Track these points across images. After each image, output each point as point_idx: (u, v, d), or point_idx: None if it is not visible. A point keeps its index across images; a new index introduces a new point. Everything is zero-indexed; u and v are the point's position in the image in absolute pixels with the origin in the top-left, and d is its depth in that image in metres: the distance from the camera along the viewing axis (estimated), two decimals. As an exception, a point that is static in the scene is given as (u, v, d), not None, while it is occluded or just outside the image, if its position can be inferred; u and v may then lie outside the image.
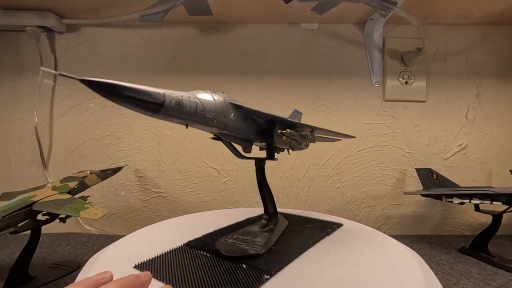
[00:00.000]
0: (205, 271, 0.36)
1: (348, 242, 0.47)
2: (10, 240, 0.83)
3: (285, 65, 0.94)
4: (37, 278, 0.59)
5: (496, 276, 0.64)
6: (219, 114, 0.33)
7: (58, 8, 0.84)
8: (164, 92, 0.27)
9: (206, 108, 0.31)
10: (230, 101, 0.35)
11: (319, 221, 0.59)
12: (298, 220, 0.60)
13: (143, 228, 0.55)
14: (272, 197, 0.51)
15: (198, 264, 0.38)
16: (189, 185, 0.94)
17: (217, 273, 0.35)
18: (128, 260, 0.40)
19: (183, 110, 0.28)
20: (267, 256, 0.39)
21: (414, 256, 0.42)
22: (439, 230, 0.94)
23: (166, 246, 0.45)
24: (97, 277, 0.26)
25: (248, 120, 0.41)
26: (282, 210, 0.66)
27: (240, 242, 0.43)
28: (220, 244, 0.42)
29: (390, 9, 0.74)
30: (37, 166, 0.92)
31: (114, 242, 0.47)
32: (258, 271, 0.35)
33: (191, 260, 0.39)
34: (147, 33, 0.93)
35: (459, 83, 0.94)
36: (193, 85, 0.93)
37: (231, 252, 0.39)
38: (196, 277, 0.34)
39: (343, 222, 0.59)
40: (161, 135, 0.93)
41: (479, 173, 0.94)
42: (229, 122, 0.35)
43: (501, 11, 0.85)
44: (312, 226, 0.55)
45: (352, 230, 0.54)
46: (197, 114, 0.30)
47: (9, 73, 0.92)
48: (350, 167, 0.94)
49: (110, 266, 0.39)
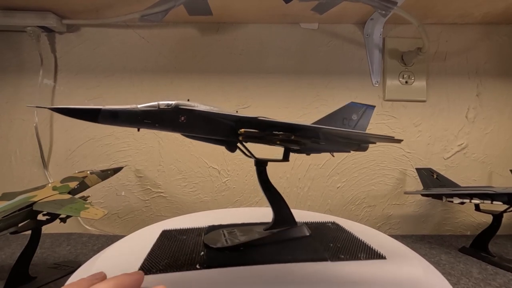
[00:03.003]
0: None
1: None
2: (10, 240, 0.83)
3: (285, 65, 0.94)
4: (38, 278, 0.59)
5: (497, 276, 0.64)
6: (159, 119, 0.38)
7: (58, 8, 0.84)
8: (101, 106, 0.37)
9: (147, 115, 0.38)
10: (180, 107, 0.39)
11: (355, 244, 0.47)
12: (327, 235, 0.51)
13: (143, 228, 0.55)
14: (278, 199, 0.49)
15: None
16: (189, 185, 0.94)
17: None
18: (128, 260, 0.40)
19: (118, 119, 0.37)
20: (233, 253, 0.43)
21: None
22: (439, 230, 0.94)
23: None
24: (90, 278, 0.26)
25: (212, 122, 0.42)
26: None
27: (230, 236, 0.47)
28: (212, 234, 0.49)
29: (390, 9, 0.74)
30: (37, 166, 0.92)
31: (115, 242, 0.47)
32: (203, 259, 0.42)
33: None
34: (147, 33, 0.93)
35: (459, 83, 0.93)
36: (193, 85, 0.93)
37: (209, 241, 0.46)
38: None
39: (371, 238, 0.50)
40: (161, 135, 0.93)
41: (480, 173, 0.94)
42: (180, 124, 0.40)
43: (501, 11, 0.85)
44: (333, 246, 0.46)
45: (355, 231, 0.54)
46: (136, 121, 0.38)
47: (9, 73, 0.92)
48: (350, 167, 0.94)
49: (110, 266, 0.39)
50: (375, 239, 0.49)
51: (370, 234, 0.53)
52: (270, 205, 0.48)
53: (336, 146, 0.48)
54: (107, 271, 0.28)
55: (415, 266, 0.39)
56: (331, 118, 0.52)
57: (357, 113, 0.52)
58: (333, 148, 0.50)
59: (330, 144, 0.48)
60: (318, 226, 0.56)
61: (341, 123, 0.52)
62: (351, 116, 0.52)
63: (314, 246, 0.46)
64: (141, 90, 0.93)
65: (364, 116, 0.53)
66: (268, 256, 0.42)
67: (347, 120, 0.52)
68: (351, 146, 0.49)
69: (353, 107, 0.53)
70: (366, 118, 0.53)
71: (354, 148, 0.49)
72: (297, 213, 0.50)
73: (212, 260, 0.41)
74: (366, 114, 0.53)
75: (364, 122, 0.53)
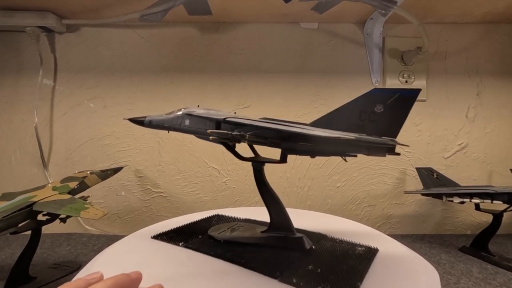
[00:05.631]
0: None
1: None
2: (10, 240, 0.83)
3: (285, 65, 0.94)
4: (38, 278, 0.59)
5: (497, 275, 0.64)
6: (173, 123, 0.46)
7: (58, 8, 0.84)
8: (146, 116, 0.48)
9: (165, 121, 0.47)
10: (186, 112, 0.46)
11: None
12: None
13: (143, 228, 0.55)
14: (273, 202, 0.45)
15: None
16: (189, 185, 0.94)
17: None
18: (128, 261, 0.40)
19: (152, 124, 0.47)
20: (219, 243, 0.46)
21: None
22: (439, 229, 0.94)
23: (166, 246, 0.45)
24: (87, 278, 0.26)
25: (205, 123, 0.45)
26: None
27: (231, 230, 0.50)
28: (221, 225, 0.53)
29: (390, 8, 0.74)
30: (37, 166, 0.92)
31: (115, 242, 0.47)
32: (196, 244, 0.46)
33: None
34: (147, 33, 0.93)
35: (459, 82, 0.93)
36: (192, 84, 0.93)
37: (212, 229, 0.50)
38: None
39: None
40: (161, 135, 0.93)
41: (480, 172, 0.94)
42: (185, 127, 0.46)
43: (501, 10, 0.85)
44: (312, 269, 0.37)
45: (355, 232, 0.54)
46: (161, 126, 0.47)
47: (9, 73, 0.92)
48: (350, 167, 0.94)
49: (110, 266, 0.39)
50: (375, 239, 0.49)
51: (370, 234, 0.53)
52: (266, 208, 0.46)
53: (336, 148, 0.41)
54: (107, 271, 0.28)
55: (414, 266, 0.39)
56: (341, 113, 0.40)
57: (384, 102, 0.36)
58: (333, 151, 0.42)
59: (327, 147, 0.41)
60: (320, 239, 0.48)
61: (357, 119, 0.38)
62: (374, 108, 0.37)
63: (288, 260, 0.39)
64: (141, 90, 0.93)
65: (397, 106, 0.36)
66: (247, 258, 0.40)
67: (367, 113, 0.38)
68: (359, 149, 0.38)
69: (377, 95, 0.38)
70: (402, 110, 0.36)
71: (363, 152, 0.39)
72: (297, 213, 0.49)
73: (200, 245, 0.44)
74: (401, 104, 0.36)
75: (397, 116, 0.36)
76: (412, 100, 0.36)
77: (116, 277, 0.26)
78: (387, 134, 0.36)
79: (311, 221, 0.57)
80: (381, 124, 0.37)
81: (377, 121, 0.38)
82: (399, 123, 0.37)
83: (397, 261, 0.40)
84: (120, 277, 0.27)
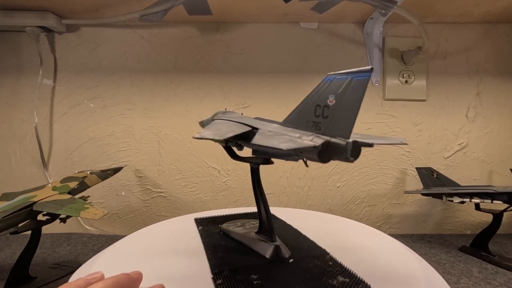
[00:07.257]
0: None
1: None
2: (10, 240, 0.83)
3: (285, 65, 0.94)
4: (38, 278, 0.59)
5: (497, 275, 0.64)
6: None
7: (57, 8, 0.84)
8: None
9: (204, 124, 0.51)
10: (214, 118, 0.47)
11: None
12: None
13: (143, 228, 0.55)
14: (260, 204, 0.43)
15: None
16: (189, 185, 0.94)
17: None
18: (128, 260, 0.40)
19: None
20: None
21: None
22: (439, 229, 0.94)
23: (167, 245, 0.45)
24: (88, 277, 0.26)
25: None
26: (282, 209, 0.65)
27: (235, 225, 0.52)
28: (237, 220, 0.55)
29: (390, 8, 0.74)
30: (37, 166, 0.92)
31: (115, 242, 0.47)
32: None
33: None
34: (147, 33, 0.93)
35: (459, 82, 0.93)
36: (192, 84, 0.93)
37: (225, 223, 0.53)
38: None
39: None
40: (161, 135, 0.93)
41: (480, 172, 0.94)
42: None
43: (501, 10, 0.85)
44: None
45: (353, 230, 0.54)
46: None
47: (9, 73, 0.92)
48: (350, 166, 0.94)
49: (110, 266, 0.39)
50: (374, 239, 0.49)
51: (369, 234, 0.53)
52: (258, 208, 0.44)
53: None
54: (107, 271, 0.28)
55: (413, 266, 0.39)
56: (301, 110, 0.35)
57: (335, 92, 0.28)
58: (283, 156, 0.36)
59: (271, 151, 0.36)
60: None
61: (312, 115, 0.32)
62: (327, 101, 0.29)
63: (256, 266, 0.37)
64: (140, 90, 0.93)
65: (350, 93, 0.27)
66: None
67: (321, 107, 0.30)
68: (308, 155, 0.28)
69: (329, 83, 0.30)
70: (354, 96, 0.26)
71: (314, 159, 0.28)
72: (297, 212, 0.49)
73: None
74: (353, 90, 0.27)
75: (352, 105, 0.26)
76: (364, 84, 0.26)
77: (117, 276, 0.26)
78: (339, 133, 0.27)
79: (317, 224, 0.56)
80: (334, 121, 0.28)
81: (329, 116, 0.29)
82: (351, 118, 0.27)
83: (397, 261, 0.40)
84: (120, 277, 0.26)
